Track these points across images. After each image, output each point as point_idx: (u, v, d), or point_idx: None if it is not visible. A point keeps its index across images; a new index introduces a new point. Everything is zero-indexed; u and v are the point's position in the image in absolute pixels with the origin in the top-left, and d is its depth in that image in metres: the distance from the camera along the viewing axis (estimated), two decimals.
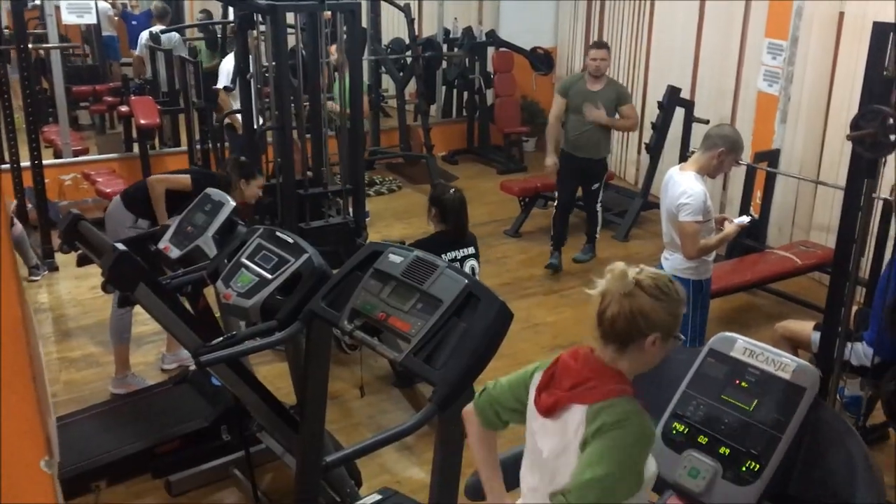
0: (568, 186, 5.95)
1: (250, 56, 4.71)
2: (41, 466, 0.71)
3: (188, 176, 4.31)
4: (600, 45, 5.74)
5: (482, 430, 2.01)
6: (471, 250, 3.91)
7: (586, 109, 5.59)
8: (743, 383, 2.04)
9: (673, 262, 3.75)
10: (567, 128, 5.77)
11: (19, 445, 0.68)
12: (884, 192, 4.11)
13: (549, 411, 1.79)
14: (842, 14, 5.67)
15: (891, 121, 2.80)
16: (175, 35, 7.96)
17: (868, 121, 2.85)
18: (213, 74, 6.87)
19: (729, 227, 3.71)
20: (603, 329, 1.75)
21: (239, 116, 6.10)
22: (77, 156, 7.25)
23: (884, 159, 3.04)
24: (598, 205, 6.05)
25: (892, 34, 2.90)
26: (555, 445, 1.78)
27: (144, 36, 8.01)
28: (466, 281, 2.43)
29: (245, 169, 4.34)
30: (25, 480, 0.69)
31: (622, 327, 1.71)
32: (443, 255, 3.43)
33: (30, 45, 6.41)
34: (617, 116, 5.69)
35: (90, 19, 7.40)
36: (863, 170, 3.02)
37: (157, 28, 7.91)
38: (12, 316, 0.67)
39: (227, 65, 6.44)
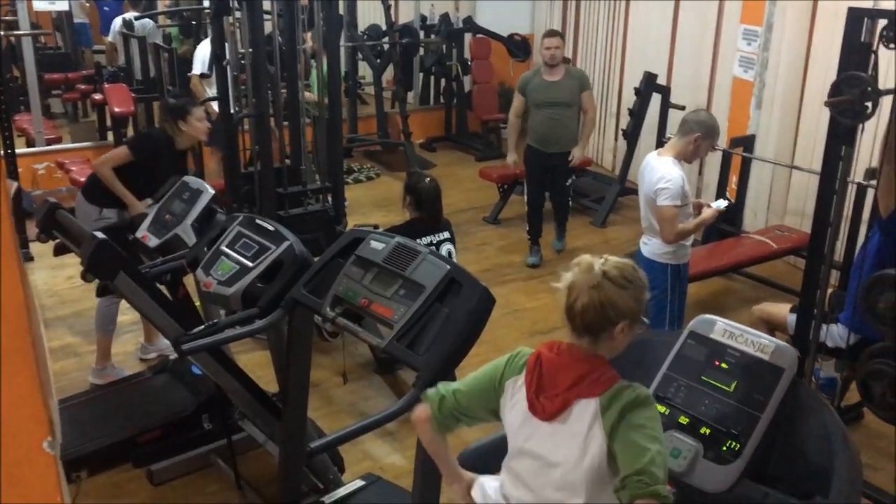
0: (537, 183, 5.90)
1: (226, 43, 4.65)
2: (44, 447, 0.71)
3: (124, 146, 4.19)
4: (552, 33, 5.68)
5: (438, 435, 1.99)
6: (446, 234, 3.92)
7: (575, 154, 5.65)
8: (723, 364, 2.07)
9: (651, 247, 3.79)
10: (533, 124, 5.72)
11: (23, 426, 0.68)
12: (858, 177, 4.18)
13: (555, 415, 1.78)
14: (815, 0, 5.72)
15: (868, 88, 2.84)
16: (149, 22, 7.85)
17: (848, 86, 2.88)
18: (187, 61, 6.79)
19: (706, 212, 3.75)
20: (574, 323, 1.77)
21: (213, 104, 6.06)
22: (50, 144, 7.16)
23: (857, 143, 3.08)
24: (569, 202, 6.03)
25: (866, 19, 2.94)
26: (564, 443, 1.77)
27: (117, 22, 7.90)
28: (448, 266, 2.43)
29: (176, 110, 4.15)
30: (29, 461, 0.69)
31: (592, 318, 1.74)
32: (418, 241, 3.44)
33: (0, 33, 6.31)
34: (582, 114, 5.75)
35: (62, 6, 7.29)
36: (840, 137, 3.05)
37: (130, 14, 7.80)
38: (15, 299, 0.67)
39: (202, 51, 6.34)
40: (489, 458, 2.08)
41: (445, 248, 3.86)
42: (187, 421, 3.62)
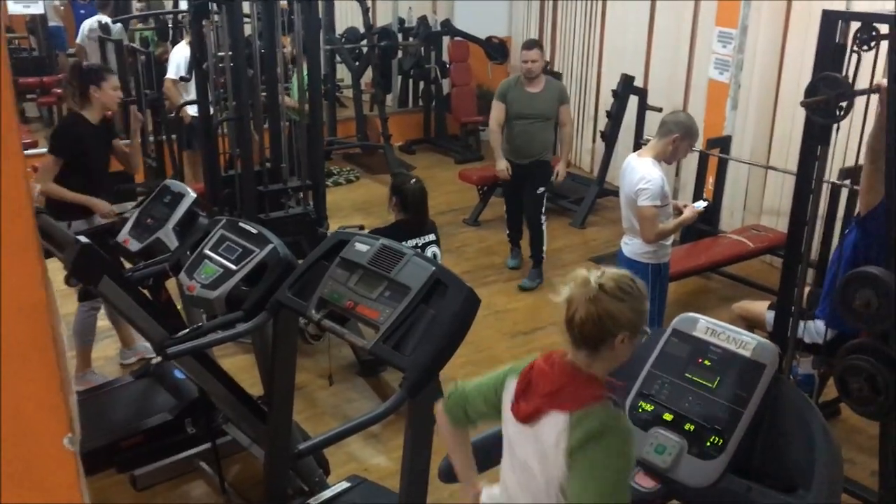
0: (512, 192, 5.77)
1: (206, 46, 4.64)
2: (64, 443, 0.71)
3: (48, 155, 3.96)
4: (531, 44, 5.48)
5: (453, 427, 2.06)
6: (431, 237, 3.91)
7: (559, 170, 5.60)
8: (706, 361, 2.10)
9: (632, 247, 3.83)
10: (508, 135, 5.56)
11: (43, 422, 0.69)
12: (832, 176, 4.26)
13: (528, 418, 1.82)
14: (789, 2, 5.81)
15: (843, 89, 2.89)
16: (118, 24, 7.78)
17: (824, 87, 2.93)
18: (163, 64, 6.74)
19: (686, 212, 3.80)
20: (573, 335, 1.79)
21: (188, 108, 6.02)
22: (26, 149, 7.05)
23: (832, 143, 3.14)
24: (543, 217, 5.68)
25: (840, 21, 3.00)
26: (535, 451, 1.81)
27: (86, 26, 7.81)
28: (434, 268, 2.45)
29: (93, 73, 3.95)
30: (49, 457, 0.70)
31: (591, 331, 1.76)
32: (403, 243, 3.45)
33: None
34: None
35: (37, 9, 7.22)
36: (815, 137, 3.10)
37: (104, 18, 7.73)
38: (37, 296, 0.67)
39: (177, 55, 6.28)
40: (479, 454, 2.10)
41: (431, 251, 3.85)
42: (170, 425, 3.61)
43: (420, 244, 3.84)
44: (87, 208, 3.98)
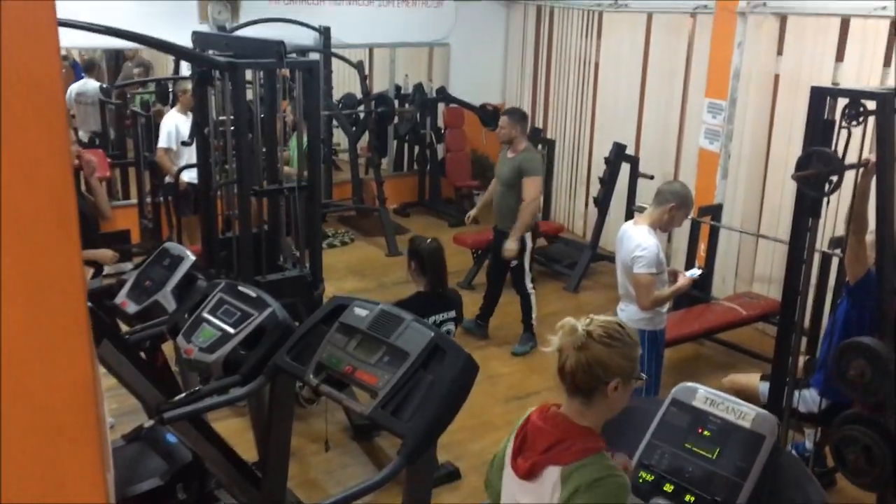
0: (494, 264, 5.81)
1: (208, 111, 4.72)
2: None
3: None
4: (504, 112, 5.65)
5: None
6: (451, 314, 3.84)
7: (506, 246, 5.44)
8: (705, 432, 2.11)
9: (628, 314, 3.85)
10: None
11: (85, 499, 0.69)
12: (823, 245, 4.32)
13: (527, 474, 1.83)
14: (777, 76, 5.97)
15: (833, 163, 2.96)
16: (95, 85, 7.91)
17: (814, 161, 3.00)
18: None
19: (681, 280, 3.84)
20: (566, 384, 1.81)
21: (184, 175, 6.06)
22: None
23: (822, 213, 3.21)
24: (529, 285, 5.60)
25: (828, 98, 3.09)
26: None
27: (74, 89, 7.91)
28: (432, 333, 2.47)
29: None
30: None
31: (583, 379, 1.77)
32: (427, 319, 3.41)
33: None
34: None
35: None
36: (807, 209, 3.17)
37: (90, 81, 7.87)
38: (86, 375, 0.69)
39: (168, 124, 6.27)
40: None
41: (446, 328, 3.77)
42: (161, 490, 3.54)
43: (439, 321, 3.76)
44: (90, 263, 4.03)
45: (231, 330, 2.89)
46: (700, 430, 2.11)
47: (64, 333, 0.70)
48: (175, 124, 6.20)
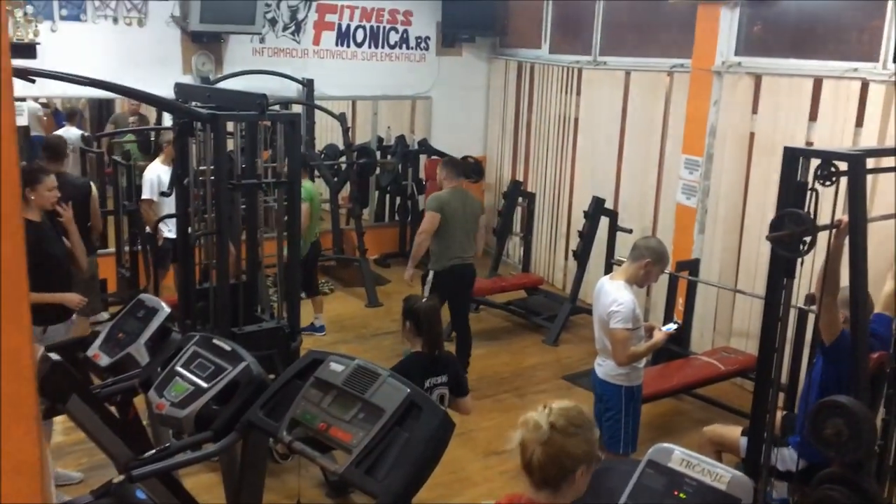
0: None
1: (189, 162, 4.72)
2: None
3: None
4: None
5: None
6: (443, 378, 3.67)
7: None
8: (681, 494, 2.09)
9: (605, 368, 3.85)
10: None
11: None
12: (798, 301, 4.35)
13: None
14: (752, 134, 6.08)
15: (807, 225, 3.00)
16: (77, 133, 7.92)
17: (789, 223, 3.03)
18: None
19: (657, 336, 3.85)
20: (533, 478, 1.81)
21: (162, 228, 6.03)
22: None
23: (797, 272, 3.24)
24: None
25: (801, 158, 3.15)
26: None
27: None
28: (409, 390, 2.45)
29: (27, 175, 3.96)
30: None
31: (552, 472, 1.78)
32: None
33: None
34: None
35: (20, 121, 7.32)
36: (782, 269, 3.19)
37: (71, 129, 7.89)
38: (33, 457, 0.67)
39: (150, 175, 6.28)
40: None
41: (437, 393, 3.61)
42: None
43: (430, 385, 3.61)
44: (63, 310, 4.02)
45: (204, 384, 2.85)
46: (676, 493, 2.09)
47: (10, 413, 0.68)
48: (157, 175, 6.19)
